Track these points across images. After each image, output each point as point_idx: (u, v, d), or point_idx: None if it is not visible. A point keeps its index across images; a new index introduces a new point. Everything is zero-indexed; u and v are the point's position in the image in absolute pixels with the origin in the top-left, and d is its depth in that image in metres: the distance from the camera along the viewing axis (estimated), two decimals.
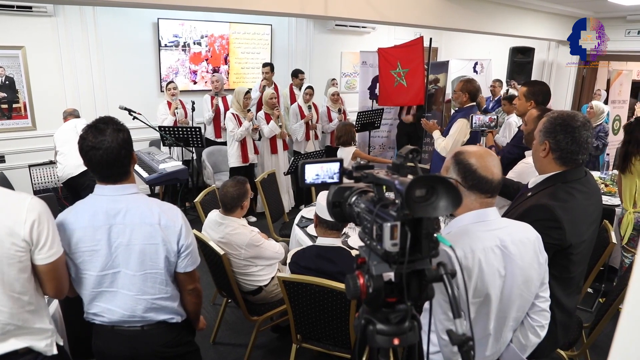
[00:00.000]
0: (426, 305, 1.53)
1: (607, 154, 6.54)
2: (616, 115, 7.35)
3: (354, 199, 1.10)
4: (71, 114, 4.72)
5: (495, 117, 3.57)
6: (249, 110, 5.15)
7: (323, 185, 1.14)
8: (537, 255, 1.56)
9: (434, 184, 0.89)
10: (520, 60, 7.46)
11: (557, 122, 1.83)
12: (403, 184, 0.89)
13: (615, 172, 4.71)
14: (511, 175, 2.54)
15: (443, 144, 3.92)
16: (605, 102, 7.46)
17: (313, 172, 1.09)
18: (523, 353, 1.64)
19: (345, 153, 4.79)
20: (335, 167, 1.11)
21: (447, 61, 7.41)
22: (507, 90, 6.72)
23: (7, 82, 5.11)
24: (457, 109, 4.17)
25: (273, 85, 6.25)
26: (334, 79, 7.19)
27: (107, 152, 1.62)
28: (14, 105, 5.21)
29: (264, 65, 6.20)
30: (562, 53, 7.84)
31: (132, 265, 1.71)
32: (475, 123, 3.56)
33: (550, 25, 7.15)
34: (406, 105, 6.57)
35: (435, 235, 0.96)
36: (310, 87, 5.91)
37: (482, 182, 1.52)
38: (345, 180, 1.14)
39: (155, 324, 1.80)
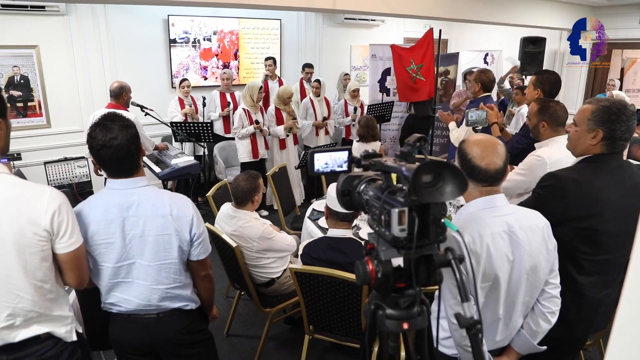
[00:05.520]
0: (436, 292, 1.55)
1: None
2: (631, 104, 7.24)
3: (362, 187, 1.12)
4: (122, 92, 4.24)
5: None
6: (257, 122, 5.17)
7: (332, 174, 1.16)
8: (545, 242, 1.57)
9: (440, 170, 0.90)
10: (532, 50, 7.37)
11: (612, 111, 1.82)
12: (410, 170, 0.90)
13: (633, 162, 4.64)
14: (521, 167, 2.52)
15: (456, 135, 3.90)
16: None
17: (322, 161, 1.11)
18: (534, 339, 1.65)
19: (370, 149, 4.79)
20: (344, 155, 1.13)
21: (457, 53, 7.37)
22: (501, 80, 6.64)
23: (22, 81, 5.19)
24: (471, 99, 4.15)
25: (277, 79, 6.30)
26: (347, 74, 7.18)
27: (118, 149, 1.66)
28: (29, 104, 5.29)
29: (268, 59, 6.27)
30: None
31: (147, 256, 1.75)
32: (470, 118, 3.40)
33: (562, 14, 7.07)
34: (427, 99, 6.53)
35: (442, 220, 0.98)
36: (317, 81, 5.92)
37: (474, 171, 1.54)
38: (354, 169, 1.16)
39: (170, 312, 1.85)
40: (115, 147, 1.65)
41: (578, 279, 1.85)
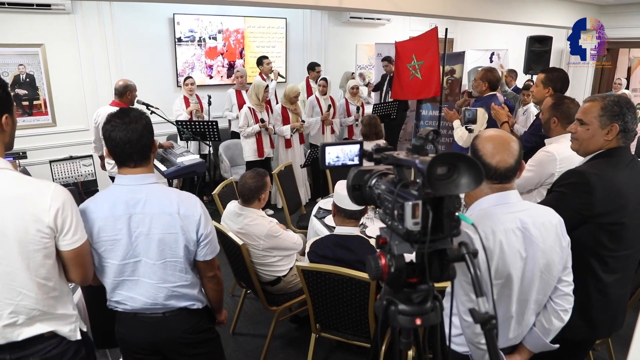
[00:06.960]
0: (448, 288, 1.53)
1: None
2: (637, 103, 7.20)
3: (374, 181, 1.11)
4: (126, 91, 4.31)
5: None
6: (262, 120, 5.15)
7: (340, 170, 1.15)
8: (559, 239, 1.54)
9: (455, 162, 0.88)
10: (538, 49, 7.32)
11: (621, 104, 1.82)
12: (424, 163, 0.89)
13: None
14: (530, 163, 2.50)
15: (460, 134, 3.88)
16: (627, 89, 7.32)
17: (334, 154, 1.10)
18: (546, 337, 1.63)
19: None
20: (355, 149, 1.11)
21: (463, 52, 7.32)
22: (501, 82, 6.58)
23: (27, 80, 5.20)
24: (476, 98, 4.12)
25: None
26: (353, 73, 7.15)
27: (131, 130, 1.67)
28: (35, 102, 5.30)
29: (265, 58, 6.22)
30: None
31: (152, 254, 1.73)
32: (468, 117, 3.34)
33: (568, 12, 7.03)
34: (422, 98, 6.49)
35: (456, 214, 0.96)
36: (324, 79, 5.90)
37: (484, 169, 1.50)
38: (365, 162, 1.14)
39: (177, 311, 1.83)
40: (129, 129, 1.67)
41: (603, 278, 1.83)
